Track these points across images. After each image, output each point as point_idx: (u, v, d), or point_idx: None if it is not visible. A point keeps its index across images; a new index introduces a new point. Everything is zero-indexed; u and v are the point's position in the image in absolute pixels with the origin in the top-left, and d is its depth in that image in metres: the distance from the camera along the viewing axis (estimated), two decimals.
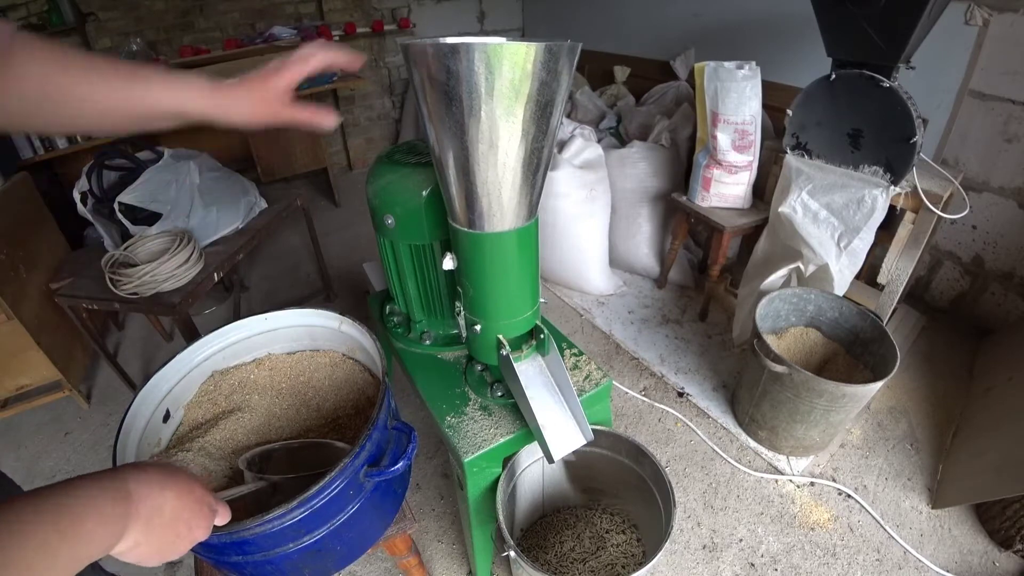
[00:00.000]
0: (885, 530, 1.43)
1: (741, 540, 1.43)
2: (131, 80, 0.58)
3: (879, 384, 1.34)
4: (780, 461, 1.62)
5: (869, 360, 1.58)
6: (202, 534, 0.53)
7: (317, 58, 0.65)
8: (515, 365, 0.90)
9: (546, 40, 0.64)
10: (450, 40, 0.76)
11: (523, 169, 0.73)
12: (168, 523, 0.48)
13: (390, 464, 0.76)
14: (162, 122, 0.63)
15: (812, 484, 1.56)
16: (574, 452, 0.94)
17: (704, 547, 1.42)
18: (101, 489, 0.44)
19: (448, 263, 0.90)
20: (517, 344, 0.94)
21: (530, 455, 1.12)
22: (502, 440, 0.96)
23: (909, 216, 1.63)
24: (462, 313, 0.96)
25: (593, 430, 0.94)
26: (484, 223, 0.79)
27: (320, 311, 0.97)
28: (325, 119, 0.67)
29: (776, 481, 1.57)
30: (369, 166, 1.29)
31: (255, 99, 0.64)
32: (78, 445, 1.85)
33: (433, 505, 1.56)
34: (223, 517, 0.57)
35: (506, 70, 0.62)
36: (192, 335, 1.62)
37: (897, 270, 1.71)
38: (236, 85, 0.63)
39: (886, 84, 1.45)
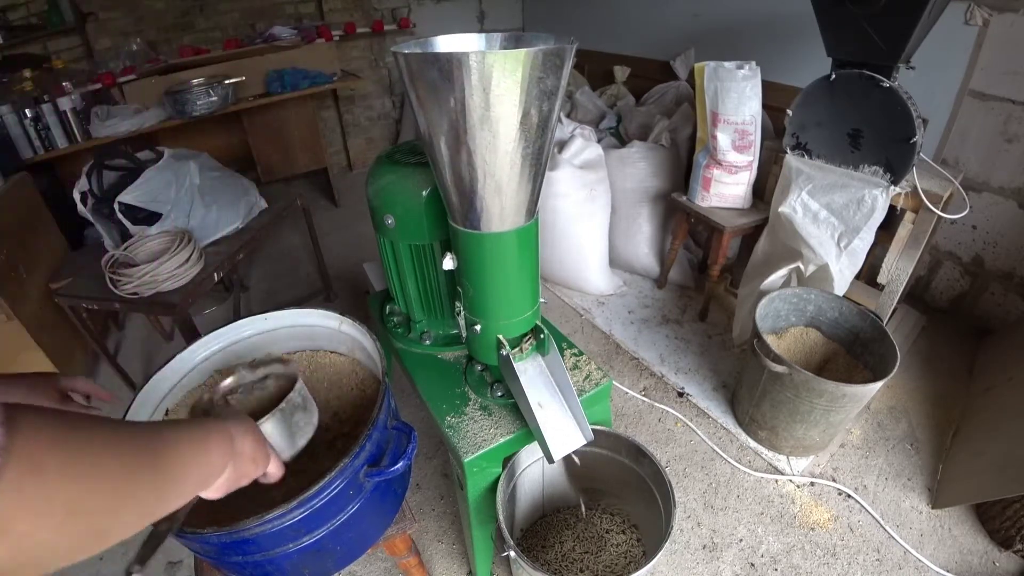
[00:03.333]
0: (885, 530, 1.43)
1: (741, 540, 1.43)
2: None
3: (879, 384, 1.34)
4: (780, 461, 1.62)
5: (869, 360, 1.58)
6: (262, 469, 0.61)
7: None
8: (515, 365, 0.90)
9: (540, 44, 0.64)
10: (442, 49, 0.76)
11: (520, 171, 0.73)
12: (246, 460, 0.57)
13: (390, 464, 0.76)
14: None
15: (812, 484, 1.56)
16: (574, 452, 0.94)
17: (704, 547, 1.42)
18: (218, 431, 0.52)
19: (448, 263, 0.90)
20: (517, 344, 0.94)
21: (530, 455, 1.12)
22: (502, 440, 0.96)
23: (909, 216, 1.63)
24: (462, 313, 0.96)
25: (593, 430, 0.94)
26: (483, 224, 0.79)
27: (320, 311, 0.97)
28: None
29: (776, 481, 1.57)
30: (369, 166, 1.29)
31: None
32: None
33: (433, 505, 1.56)
34: (275, 467, 0.65)
35: (499, 77, 0.61)
36: (192, 335, 1.62)
37: (897, 270, 1.71)
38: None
39: (886, 84, 1.45)
